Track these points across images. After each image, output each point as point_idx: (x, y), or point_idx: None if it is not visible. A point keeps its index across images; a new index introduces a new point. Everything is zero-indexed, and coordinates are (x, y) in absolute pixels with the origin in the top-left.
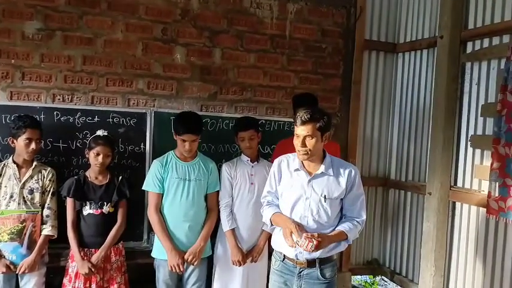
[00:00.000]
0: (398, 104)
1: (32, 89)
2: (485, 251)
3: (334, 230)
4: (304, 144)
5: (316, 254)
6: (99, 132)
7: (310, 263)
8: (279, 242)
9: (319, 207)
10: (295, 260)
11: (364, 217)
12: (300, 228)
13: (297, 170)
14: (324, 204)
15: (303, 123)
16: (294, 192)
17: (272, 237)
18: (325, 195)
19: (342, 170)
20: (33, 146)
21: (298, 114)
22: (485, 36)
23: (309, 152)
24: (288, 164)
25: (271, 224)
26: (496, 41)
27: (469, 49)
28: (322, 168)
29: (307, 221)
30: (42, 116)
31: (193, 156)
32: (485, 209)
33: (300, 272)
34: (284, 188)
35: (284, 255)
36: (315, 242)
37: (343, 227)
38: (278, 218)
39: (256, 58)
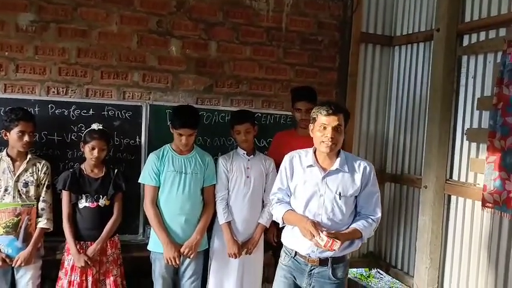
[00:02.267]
0: (395, 97)
1: (26, 81)
2: (480, 244)
3: (348, 228)
4: (333, 135)
5: (330, 253)
6: (94, 126)
7: (323, 262)
8: (291, 239)
9: (333, 204)
10: (307, 257)
11: (380, 214)
12: (318, 226)
13: (310, 166)
14: (338, 202)
15: (334, 112)
16: (308, 189)
17: (283, 233)
18: (340, 193)
19: (356, 166)
20: (26, 138)
21: (323, 104)
22: (481, 30)
23: (336, 144)
24: (300, 159)
25: (283, 222)
26: (492, 34)
27: (465, 42)
28: (337, 164)
29: (321, 218)
30: (36, 109)
31: (190, 150)
32: (480, 202)
33: (311, 270)
34: (297, 185)
35: (296, 252)
36: (339, 242)
37: (358, 225)
38: (292, 217)
39: (252, 51)
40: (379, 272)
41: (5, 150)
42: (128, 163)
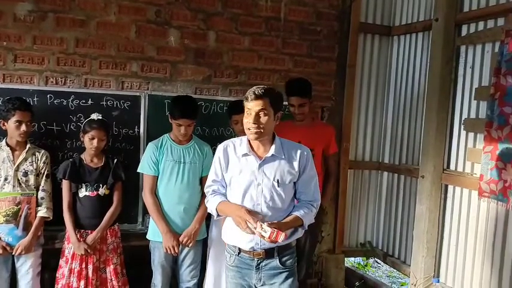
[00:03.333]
0: (393, 87)
1: (25, 71)
2: (476, 233)
3: (289, 215)
4: (256, 121)
5: (274, 243)
6: (94, 116)
7: (268, 253)
8: (232, 235)
9: (272, 192)
10: (252, 252)
11: (319, 200)
12: (254, 215)
13: (245, 154)
14: (277, 190)
15: (257, 97)
16: (244, 179)
17: (223, 230)
18: (278, 180)
19: (293, 152)
20: (23, 128)
21: (250, 89)
22: (480, 19)
23: (262, 131)
24: (234, 148)
25: (218, 215)
26: (490, 24)
27: (463, 32)
28: (272, 150)
29: (260, 208)
30: (35, 99)
31: (189, 140)
32: (477, 192)
33: (259, 264)
34: (232, 175)
35: (239, 249)
36: (283, 233)
37: (299, 212)
38: (225, 207)
39: (250, 41)
40: (376, 262)
41: (4, 139)
42: (126, 153)
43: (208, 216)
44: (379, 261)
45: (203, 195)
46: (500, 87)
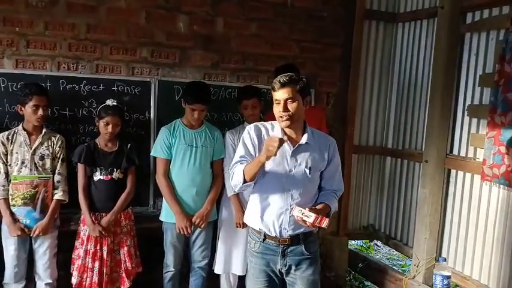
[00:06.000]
0: (397, 74)
1: (37, 57)
2: (477, 216)
3: (315, 203)
4: (286, 109)
5: (300, 230)
6: (109, 102)
7: (294, 240)
8: (256, 219)
9: (304, 179)
10: (278, 238)
11: (343, 190)
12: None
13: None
14: (308, 177)
15: (283, 85)
16: (276, 165)
17: (246, 214)
18: (310, 167)
19: (323, 142)
20: (40, 112)
21: (276, 78)
22: (485, 7)
23: (293, 117)
24: (267, 131)
25: (244, 181)
26: (495, 12)
27: (468, 20)
28: (305, 138)
29: (291, 194)
30: (48, 84)
31: (200, 124)
32: (479, 176)
33: (284, 250)
34: None
35: (265, 235)
36: (326, 218)
37: (329, 200)
38: (252, 162)
39: (258, 27)
40: (376, 245)
41: (21, 124)
42: (137, 138)
43: (219, 199)
44: (379, 244)
45: (214, 178)
46: (505, 74)
